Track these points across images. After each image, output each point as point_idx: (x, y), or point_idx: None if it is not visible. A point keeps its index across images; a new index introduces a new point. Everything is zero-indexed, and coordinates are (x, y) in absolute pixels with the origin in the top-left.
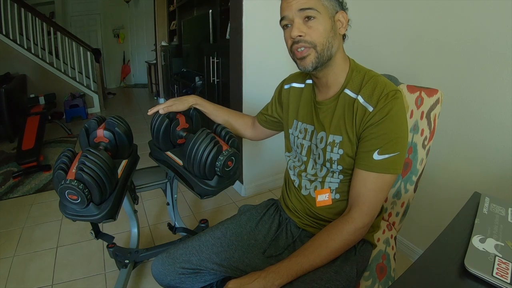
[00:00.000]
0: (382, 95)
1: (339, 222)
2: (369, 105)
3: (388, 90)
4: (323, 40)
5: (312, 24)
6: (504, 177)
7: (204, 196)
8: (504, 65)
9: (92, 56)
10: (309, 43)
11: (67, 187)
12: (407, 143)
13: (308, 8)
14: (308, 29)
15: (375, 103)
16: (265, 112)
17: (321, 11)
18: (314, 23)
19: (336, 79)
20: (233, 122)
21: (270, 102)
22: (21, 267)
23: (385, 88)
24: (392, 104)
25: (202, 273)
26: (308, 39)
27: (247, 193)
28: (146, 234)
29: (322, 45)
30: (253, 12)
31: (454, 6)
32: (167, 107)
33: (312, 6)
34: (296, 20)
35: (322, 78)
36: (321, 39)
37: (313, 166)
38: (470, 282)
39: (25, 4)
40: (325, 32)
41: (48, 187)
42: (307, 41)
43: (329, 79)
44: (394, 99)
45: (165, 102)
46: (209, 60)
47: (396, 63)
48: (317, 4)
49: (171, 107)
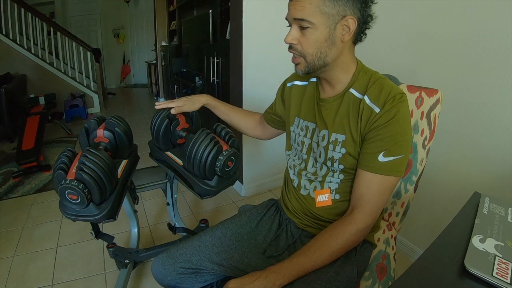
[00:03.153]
0: (389, 97)
1: (341, 223)
2: (376, 106)
3: (395, 92)
4: (313, 51)
5: (306, 33)
6: (504, 177)
7: (204, 196)
8: (504, 65)
9: (92, 56)
10: (299, 52)
11: (67, 187)
12: (410, 146)
13: (301, 19)
14: (301, 37)
15: (382, 105)
16: (270, 111)
17: (317, 21)
18: (307, 33)
19: (339, 79)
20: (244, 122)
21: (274, 101)
22: (21, 267)
23: (392, 91)
24: (399, 107)
25: (202, 273)
26: (298, 48)
27: (247, 193)
28: (146, 234)
29: (311, 55)
30: (253, 12)
31: (454, 6)
32: (179, 107)
33: (305, 17)
34: (293, 26)
35: (323, 78)
36: (311, 49)
37: (313, 164)
38: (470, 282)
39: (25, 4)
40: (317, 42)
41: (48, 187)
42: (297, 50)
43: (331, 79)
44: (401, 102)
45: (176, 101)
46: (209, 60)
47: (396, 63)
48: (313, 14)
49: (182, 108)
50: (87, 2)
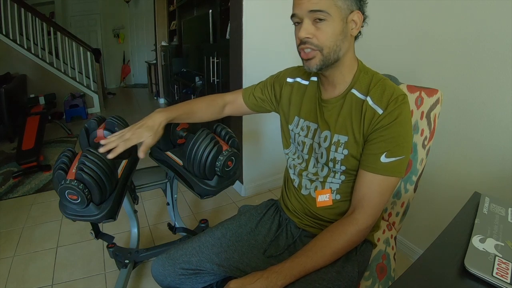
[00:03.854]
0: (392, 99)
1: (342, 223)
2: (379, 107)
3: (397, 94)
4: (330, 44)
5: (321, 26)
6: (504, 177)
7: (204, 196)
8: (504, 65)
9: (92, 56)
10: (316, 45)
11: (67, 187)
12: (411, 146)
13: (318, 10)
14: (316, 31)
15: (385, 106)
16: (258, 95)
17: (333, 13)
18: (323, 25)
19: (343, 78)
20: (209, 115)
21: (265, 89)
22: (21, 267)
23: (395, 92)
24: (401, 108)
25: (202, 274)
26: (315, 42)
27: (247, 193)
28: (146, 234)
29: (329, 48)
30: (253, 12)
31: (454, 6)
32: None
33: (323, 8)
34: (306, 20)
35: (329, 76)
36: (329, 42)
37: (315, 164)
38: (470, 282)
39: (25, 4)
40: (334, 35)
41: (48, 187)
42: (313, 43)
43: (335, 78)
44: (403, 104)
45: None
46: (209, 60)
47: (396, 62)
48: (329, 6)
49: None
50: (87, 2)
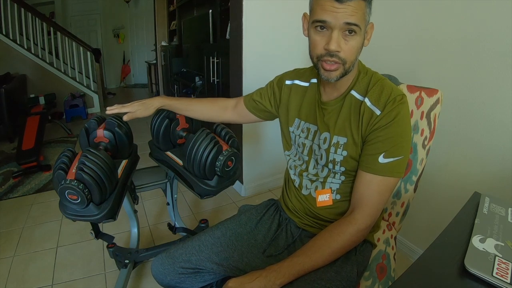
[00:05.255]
0: (389, 99)
1: (341, 223)
2: (377, 108)
3: (395, 94)
4: (353, 58)
5: (350, 40)
6: (504, 177)
7: (204, 196)
8: (504, 65)
9: (92, 56)
10: (342, 60)
11: (67, 187)
12: (410, 146)
13: (354, 24)
14: (344, 45)
15: (382, 107)
16: (257, 99)
17: (362, 26)
18: (352, 39)
19: (346, 82)
20: (208, 112)
21: (264, 92)
22: (21, 267)
23: (392, 92)
24: (399, 109)
25: (202, 273)
26: (341, 56)
27: (247, 193)
28: (146, 234)
29: (351, 62)
30: (253, 12)
31: (454, 6)
32: (131, 113)
33: (358, 22)
34: (336, 31)
35: (336, 83)
36: (352, 57)
37: (314, 166)
38: (470, 282)
39: (25, 4)
40: (358, 49)
41: (48, 187)
42: (341, 57)
43: (340, 83)
44: (401, 104)
45: (129, 105)
46: (209, 60)
47: (396, 62)
48: (362, 19)
49: (135, 114)
50: (87, 2)
